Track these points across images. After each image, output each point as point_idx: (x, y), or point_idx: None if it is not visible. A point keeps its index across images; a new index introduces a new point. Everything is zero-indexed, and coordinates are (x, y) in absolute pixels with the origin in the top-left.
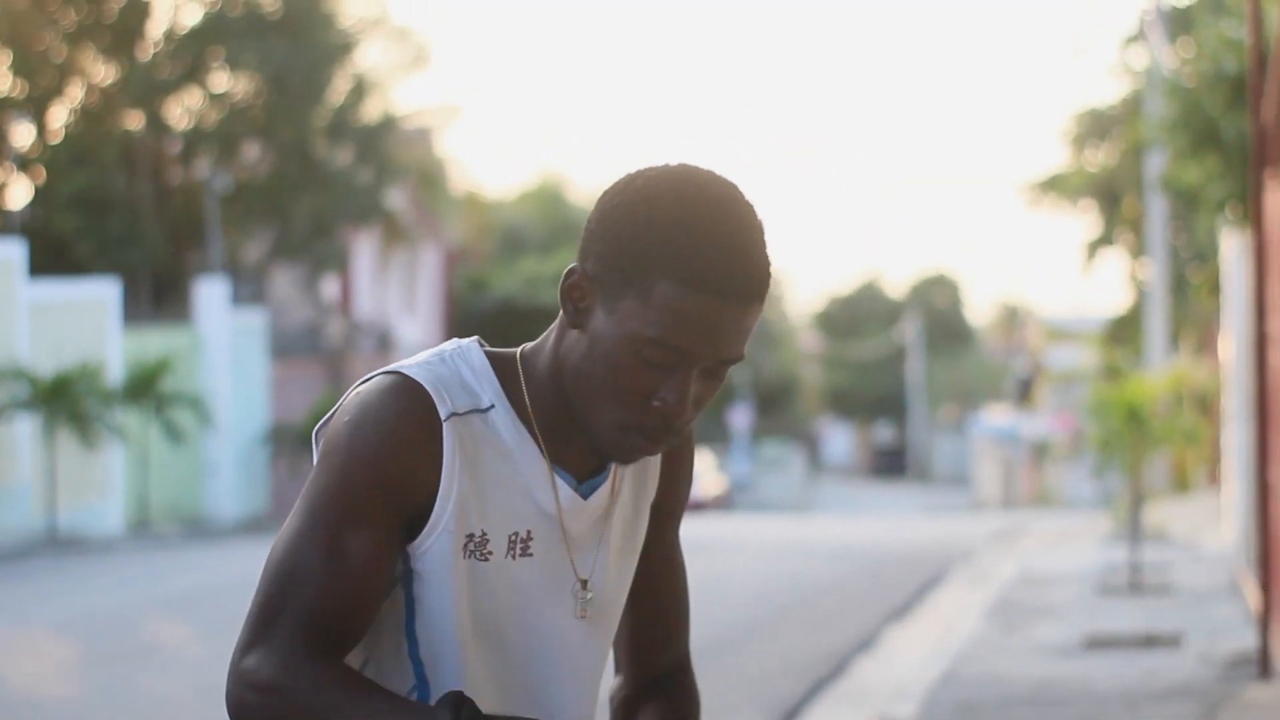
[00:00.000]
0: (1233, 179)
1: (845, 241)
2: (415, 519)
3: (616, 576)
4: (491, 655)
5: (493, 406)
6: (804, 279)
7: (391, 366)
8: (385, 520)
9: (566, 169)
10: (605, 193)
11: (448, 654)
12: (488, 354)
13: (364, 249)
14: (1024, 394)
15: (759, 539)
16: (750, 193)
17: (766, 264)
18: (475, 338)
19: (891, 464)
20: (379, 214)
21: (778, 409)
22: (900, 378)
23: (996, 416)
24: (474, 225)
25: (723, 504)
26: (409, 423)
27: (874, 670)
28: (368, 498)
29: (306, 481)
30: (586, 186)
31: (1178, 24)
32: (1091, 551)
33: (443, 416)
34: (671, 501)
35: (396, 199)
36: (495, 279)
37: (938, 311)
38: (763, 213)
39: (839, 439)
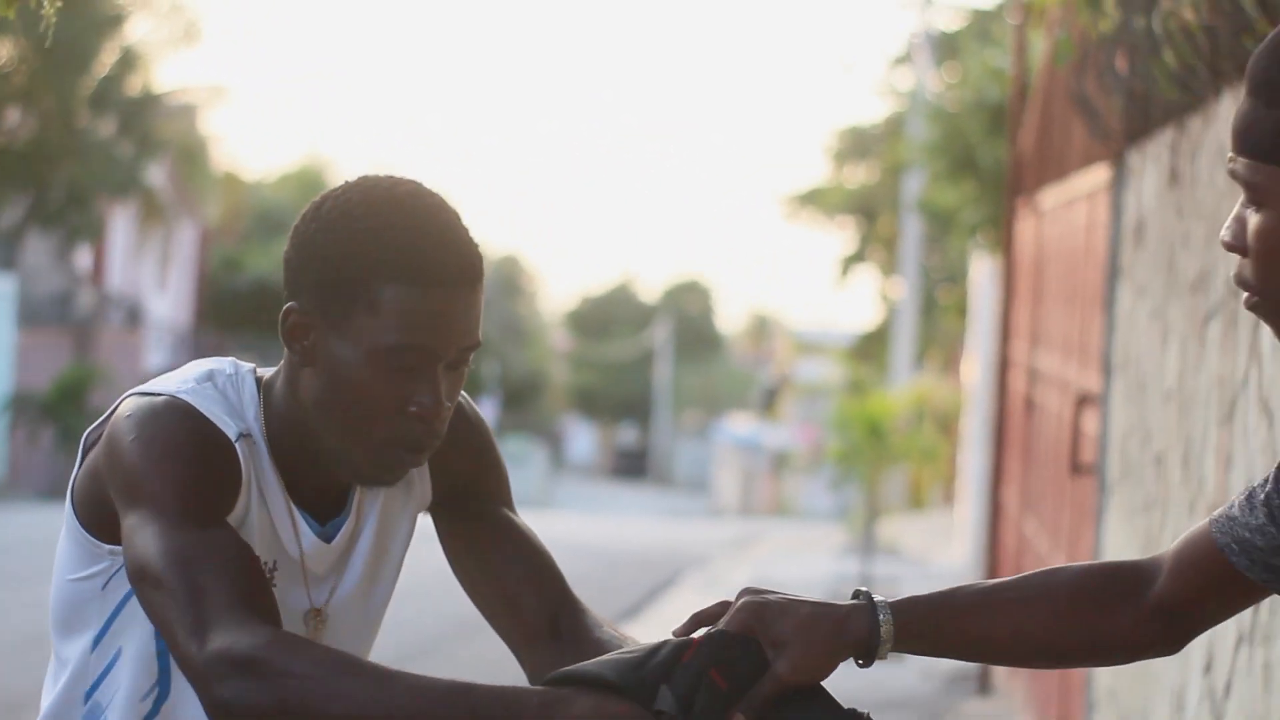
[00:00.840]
0: (987, 204)
1: (600, 242)
2: None
3: (364, 600)
4: None
5: (255, 438)
6: (558, 277)
7: (159, 388)
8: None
9: (332, 153)
10: (295, 227)
11: None
12: (259, 380)
13: (120, 222)
14: (768, 404)
15: None
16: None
17: (477, 245)
18: (252, 365)
19: (633, 466)
20: (138, 188)
21: (523, 405)
22: (648, 381)
23: (740, 425)
24: (231, 204)
25: None
26: (205, 442)
27: None
28: (199, 501)
29: (141, 492)
30: (346, 172)
31: (944, 49)
32: (825, 562)
33: (232, 437)
34: (474, 484)
35: (156, 174)
36: (250, 259)
37: (689, 317)
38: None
39: (583, 438)
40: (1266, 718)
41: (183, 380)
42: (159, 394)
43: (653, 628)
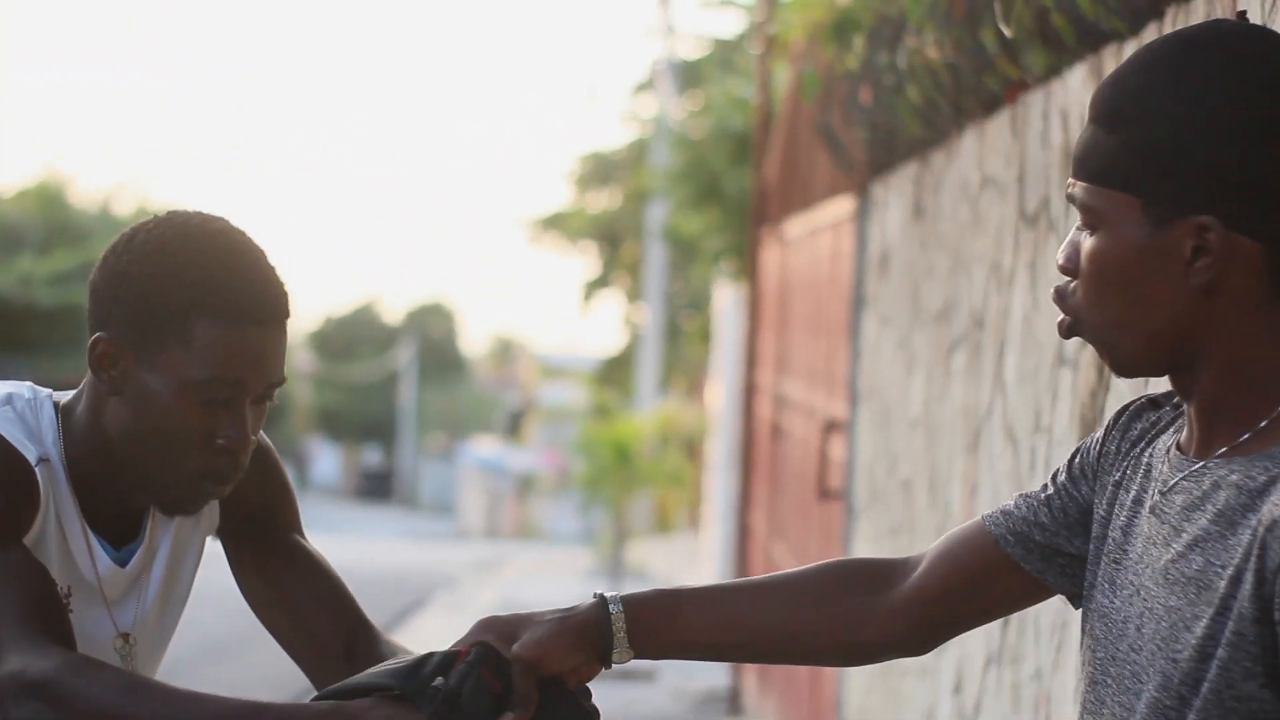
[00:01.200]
0: (731, 232)
1: (345, 263)
2: None
3: (157, 624)
4: None
5: (51, 460)
6: (301, 298)
7: None
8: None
9: (71, 169)
10: (105, 258)
11: None
12: (57, 405)
13: None
14: (513, 427)
15: None
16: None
17: (285, 284)
18: (49, 391)
19: (377, 487)
20: None
21: (267, 425)
22: (392, 403)
23: (484, 447)
24: None
25: None
26: (5, 465)
27: None
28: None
29: None
30: (90, 187)
31: (687, 77)
32: (572, 584)
33: (33, 461)
34: (265, 511)
35: None
36: None
37: (433, 340)
38: (263, 230)
39: (327, 459)
40: None
41: None
42: None
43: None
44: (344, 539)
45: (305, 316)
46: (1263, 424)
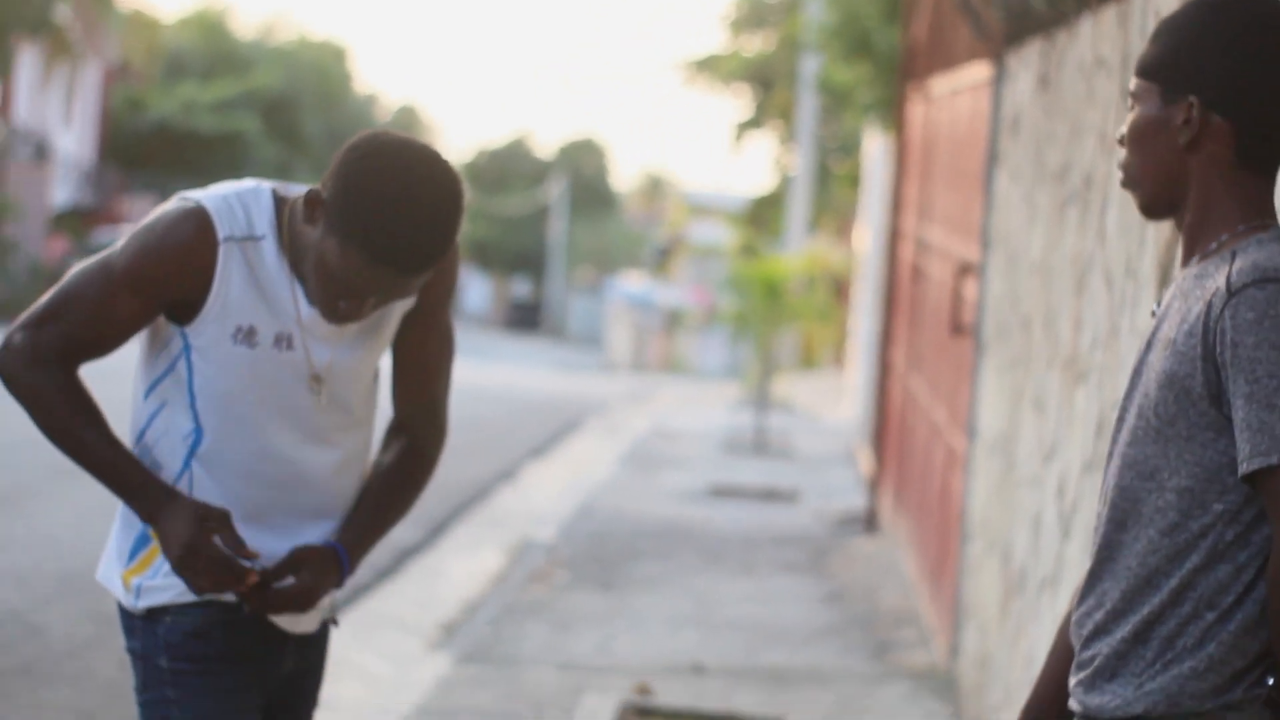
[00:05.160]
0: (881, 85)
1: (500, 97)
2: (187, 306)
3: (352, 371)
4: (249, 419)
5: (264, 237)
6: (455, 130)
7: (192, 194)
8: (151, 299)
9: None
10: (351, 143)
11: (217, 410)
12: (278, 197)
13: (26, 59)
14: (661, 263)
15: None
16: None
17: (441, 243)
18: (273, 183)
19: (526, 318)
20: (48, 26)
21: None
22: (542, 236)
23: (632, 282)
24: (137, 45)
25: None
26: (191, 238)
27: (514, 499)
28: (145, 280)
29: (117, 245)
30: (248, 17)
31: None
32: (720, 415)
33: (220, 238)
34: (437, 290)
35: (62, 12)
36: (153, 101)
37: (584, 175)
38: (458, 186)
39: (477, 290)
40: None
41: (209, 190)
42: (187, 198)
43: (560, 466)
44: (494, 367)
45: (459, 149)
46: (1213, 245)
